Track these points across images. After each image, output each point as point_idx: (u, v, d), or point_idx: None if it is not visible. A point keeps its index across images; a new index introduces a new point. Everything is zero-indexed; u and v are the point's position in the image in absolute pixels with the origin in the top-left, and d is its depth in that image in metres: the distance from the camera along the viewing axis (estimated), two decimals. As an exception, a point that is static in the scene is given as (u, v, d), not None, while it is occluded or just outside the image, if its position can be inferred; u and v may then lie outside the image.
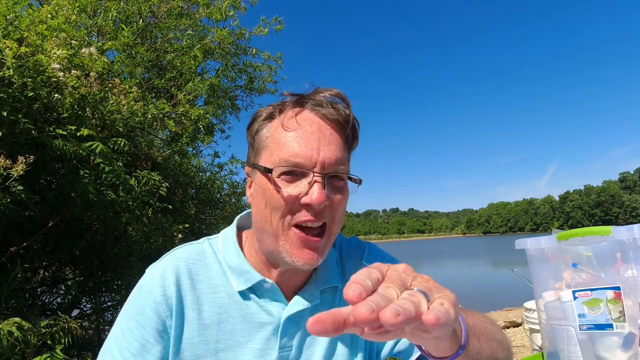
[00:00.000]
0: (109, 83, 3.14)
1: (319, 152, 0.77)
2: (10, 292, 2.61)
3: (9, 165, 2.26)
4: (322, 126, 0.80)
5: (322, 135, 0.79)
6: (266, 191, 0.80)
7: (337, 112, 0.81)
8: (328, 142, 0.79)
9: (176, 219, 4.11)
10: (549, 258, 1.10)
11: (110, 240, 3.63)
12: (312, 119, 0.80)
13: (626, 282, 0.94)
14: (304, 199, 0.77)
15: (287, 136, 0.79)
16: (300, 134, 0.78)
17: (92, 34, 4.27)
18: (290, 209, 0.78)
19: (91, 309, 3.82)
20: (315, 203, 0.76)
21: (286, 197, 0.77)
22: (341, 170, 0.80)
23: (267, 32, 5.14)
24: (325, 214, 0.79)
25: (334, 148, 0.79)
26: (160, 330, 0.82)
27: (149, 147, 3.93)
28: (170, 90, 4.57)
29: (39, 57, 2.54)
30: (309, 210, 0.77)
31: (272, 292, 0.86)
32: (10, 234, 3.02)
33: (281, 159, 0.78)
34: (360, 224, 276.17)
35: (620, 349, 0.93)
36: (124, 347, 0.81)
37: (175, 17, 4.72)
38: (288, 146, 0.78)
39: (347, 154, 0.83)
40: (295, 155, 0.77)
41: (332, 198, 0.79)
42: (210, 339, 0.82)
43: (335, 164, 0.79)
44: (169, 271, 0.84)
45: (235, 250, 0.88)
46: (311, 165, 0.77)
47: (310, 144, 0.78)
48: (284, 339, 0.85)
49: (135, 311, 0.83)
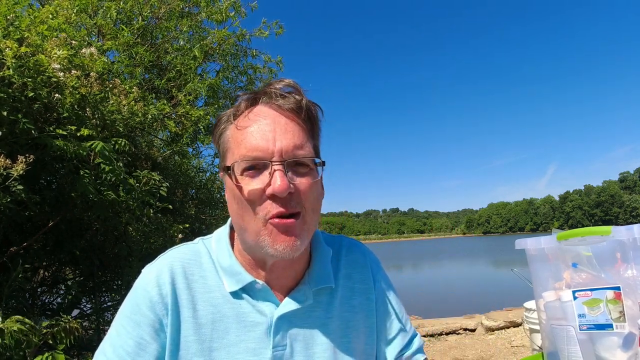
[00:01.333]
0: (109, 83, 3.15)
1: (275, 142, 0.78)
2: (11, 292, 2.61)
3: (9, 165, 2.26)
4: (276, 117, 0.81)
5: (277, 125, 0.80)
6: (234, 191, 0.81)
7: (289, 101, 0.82)
8: (284, 131, 0.80)
9: (176, 219, 4.11)
10: (549, 258, 1.10)
11: (110, 240, 3.63)
12: (266, 112, 0.82)
13: (626, 282, 0.94)
14: (268, 190, 0.77)
15: (243, 133, 0.81)
16: (255, 128, 0.80)
17: (93, 34, 4.27)
18: (260, 203, 0.78)
19: (91, 309, 3.82)
20: (278, 191, 0.76)
21: (251, 192, 0.78)
22: (301, 155, 0.80)
23: (267, 35, 5.14)
24: (293, 203, 0.79)
25: (290, 135, 0.80)
26: (156, 329, 0.82)
27: (149, 148, 3.94)
28: (171, 90, 4.58)
29: (39, 57, 2.54)
30: (276, 201, 0.78)
31: (263, 292, 0.87)
32: (10, 234, 3.02)
33: (240, 156, 0.79)
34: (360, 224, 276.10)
35: (620, 349, 0.93)
36: (118, 346, 0.81)
37: (176, 18, 4.72)
38: (245, 142, 0.79)
39: (309, 139, 0.83)
40: (253, 149, 0.78)
41: (297, 184, 0.79)
42: (205, 338, 0.83)
43: (294, 149, 0.79)
44: (164, 270, 0.85)
45: (227, 251, 0.89)
46: (269, 156, 0.78)
47: (266, 135, 0.79)
48: (277, 338, 0.85)
49: (131, 310, 0.84)
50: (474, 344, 6.41)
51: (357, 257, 1.00)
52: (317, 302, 0.90)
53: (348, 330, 0.92)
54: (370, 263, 1.01)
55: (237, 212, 0.82)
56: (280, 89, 0.83)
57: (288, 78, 0.86)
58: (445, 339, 6.97)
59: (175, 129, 3.96)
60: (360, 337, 0.93)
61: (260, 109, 0.82)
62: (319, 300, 0.91)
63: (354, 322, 0.93)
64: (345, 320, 0.92)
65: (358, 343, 0.93)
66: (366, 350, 0.95)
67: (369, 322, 0.96)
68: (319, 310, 0.90)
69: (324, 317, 0.90)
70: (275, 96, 0.82)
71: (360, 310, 0.95)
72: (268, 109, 0.82)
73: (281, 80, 0.85)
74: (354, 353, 0.91)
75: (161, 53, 4.67)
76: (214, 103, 4.81)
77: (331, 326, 0.90)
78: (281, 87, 0.83)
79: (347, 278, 0.96)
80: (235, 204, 0.82)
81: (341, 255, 0.98)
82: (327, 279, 0.92)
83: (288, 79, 0.85)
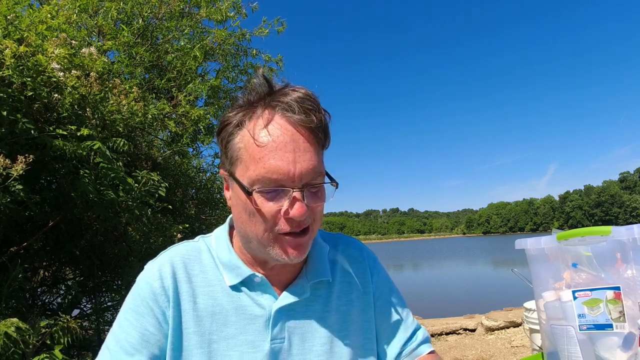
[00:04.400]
0: (109, 83, 3.14)
1: (295, 165, 0.77)
2: (11, 292, 2.61)
3: (8, 165, 2.26)
4: (295, 135, 0.78)
5: (296, 145, 0.77)
6: (247, 205, 0.80)
7: (309, 118, 0.78)
8: (303, 151, 0.78)
9: (176, 219, 4.11)
10: (549, 258, 1.10)
11: (110, 240, 3.63)
12: (284, 126, 0.78)
13: (626, 282, 0.94)
14: (286, 213, 0.78)
15: (262, 150, 0.77)
16: (275, 148, 0.76)
17: (93, 34, 4.27)
18: (273, 222, 0.80)
19: (91, 309, 3.82)
20: (297, 217, 0.78)
21: (268, 212, 0.79)
22: (320, 181, 0.82)
23: (267, 33, 5.15)
24: (307, 220, 0.81)
25: (309, 157, 0.78)
26: (160, 320, 0.83)
27: (149, 148, 3.94)
28: (171, 90, 4.57)
29: (39, 57, 2.54)
30: (291, 223, 0.79)
31: (262, 285, 0.89)
32: (10, 234, 3.02)
33: (258, 176, 0.77)
34: (360, 224, 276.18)
35: (620, 349, 0.93)
36: (122, 339, 0.82)
37: (177, 18, 4.72)
38: (264, 162, 0.77)
39: (322, 156, 0.84)
40: (273, 171, 0.76)
41: (313, 207, 0.81)
42: (205, 330, 0.84)
43: (313, 173, 0.79)
44: (166, 265, 0.87)
45: (227, 247, 0.91)
46: (290, 180, 0.77)
47: (287, 157, 0.76)
48: (275, 331, 0.86)
49: (135, 303, 0.85)
50: (474, 344, 6.41)
51: (354, 253, 1.02)
52: (315, 296, 0.92)
53: (346, 324, 0.93)
54: (367, 258, 1.02)
55: (245, 222, 0.83)
56: (299, 101, 0.79)
57: (302, 86, 0.82)
58: (445, 339, 6.98)
59: (176, 129, 3.96)
60: (358, 331, 0.95)
61: (279, 123, 0.78)
62: (316, 294, 0.92)
63: (352, 316, 0.94)
64: (343, 314, 0.94)
65: (356, 337, 0.94)
66: (365, 344, 0.95)
67: (367, 316, 0.97)
68: (317, 304, 0.92)
69: (322, 311, 0.92)
70: (294, 109, 0.78)
71: (358, 305, 0.96)
72: (285, 122, 0.78)
73: (297, 89, 0.81)
74: (352, 346, 0.92)
75: (161, 53, 4.67)
76: (214, 103, 4.81)
77: (329, 320, 0.91)
78: (300, 99, 0.79)
79: (345, 273, 0.98)
80: (246, 215, 0.82)
81: (338, 251, 1.00)
82: (324, 272, 0.93)
83: (305, 89, 0.81)
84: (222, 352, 0.84)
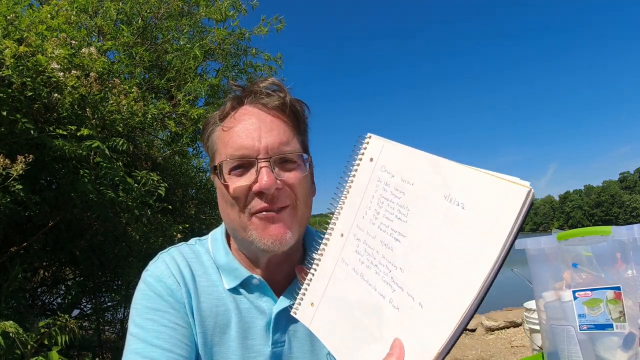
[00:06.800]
0: (109, 83, 3.14)
1: (261, 139, 0.79)
2: (10, 292, 2.61)
3: (8, 165, 2.26)
4: (261, 115, 0.82)
5: (262, 123, 0.81)
6: (222, 190, 0.83)
7: (273, 99, 0.83)
8: (269, 129, 0.81)
9: (176, 219, 4.11)
10: (549, 258, 1.10)
11: (110, 240, 3.63)
12: (251, 111, 0.83)
13: (626, 282, 0.94)
14: (255, 187, 0.78)
15: (229, 133, 0.82)
16: (241, 128, 0.81)
17: (93, 34, 4.27)
18: (246, 200, 0.80)
19: (91, 309, 3.82)
20: (264, 187, 0.77)
21: (238, 189, 0.79)
22: (287, 151, 0.81)
23: (267, 31, 5.14)
24: (283, 198, 0.80)
25: (276, 133, 0.81)
26: (184, 311, 0.82)
27: (149, 147, 3.94)
28: (171, 90, 4.57)
29: (38, 57, 2.54)
30: (262, 198, 0.79)
31: (261, 287, 0.88)
32: (10, 234, 3.02)
33: (227, 156, 0.80)
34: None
35: (620, 349, 0.93)
36: (153, 337, 0.78)
37: (176, 18, 4.71)
38: (231, 141, 0.81)
39: (295, 135, 0.84)
40: (239, 147, 0.80)
41: (285, 179, 0.80)
42: (207, 331, 0.84)
43: (280, 145, 0.80)
44: (172, 263, 0.87)
45: (223, 249, 0.90)
46: (255, 153, 0.79)
47: (251, 133, 0.80)
48: (276, 335, 0.86)
49: (152, 301, 0.82)
50: (474, 344, 6.41)
51: None
52: None
53: None
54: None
55: (225, 210, 0.84)
56: (264, 87, 0.84)
57: (273, 77, 0.88)
58: (445, 339, 6.96)
59: (175, 129, 3.95)
60: None
61: (246, 109, 0.84)
62: None
63: None
64: None
65: None
66: None
67: None
68: None
69: None
70: (259, 95, 0.83)
71: None
72: (253, 108, 0.84)
73: (265, 79, 0.87)
74: None
75: (161, 53, 4.66)
76: (214, 103, 4.81)
77: None
78: (265, 86, 0.85)
79: None
80: (224, 202, 0.83)
81: None
82: None
83: (272, 78, 0.87)
84: (223, 355, 0.83)
